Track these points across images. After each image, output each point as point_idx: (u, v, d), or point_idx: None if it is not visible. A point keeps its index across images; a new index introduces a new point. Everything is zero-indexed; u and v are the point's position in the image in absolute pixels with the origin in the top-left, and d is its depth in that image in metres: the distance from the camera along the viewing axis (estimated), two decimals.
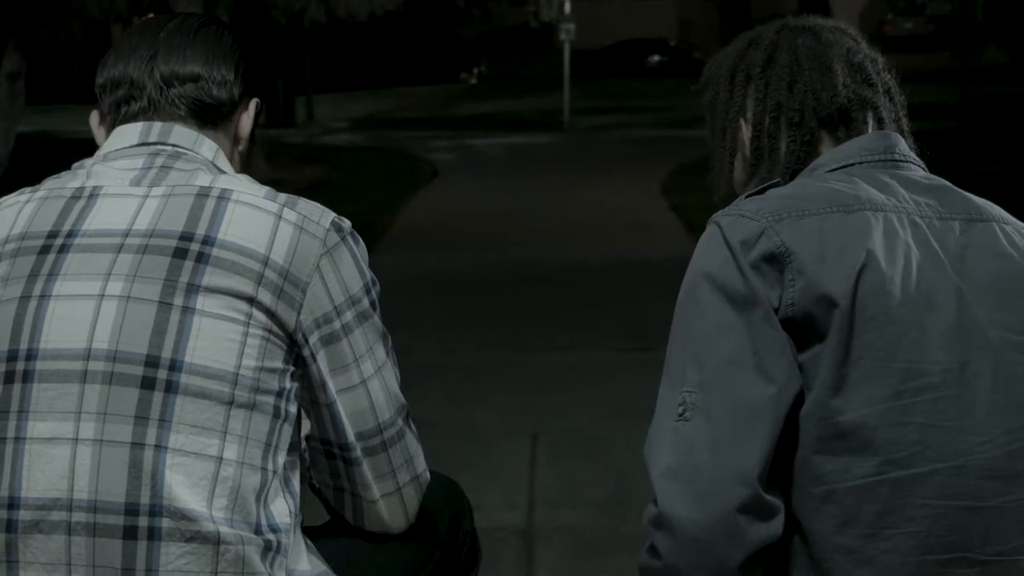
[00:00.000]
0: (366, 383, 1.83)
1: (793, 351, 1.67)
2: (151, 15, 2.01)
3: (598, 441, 5.25)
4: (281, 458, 1.77)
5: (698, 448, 1.66)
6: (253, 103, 1.97)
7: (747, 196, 1.79)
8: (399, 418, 1.89)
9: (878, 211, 1.73)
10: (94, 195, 1.80)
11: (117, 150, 1.86)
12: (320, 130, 26.42)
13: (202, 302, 1.71)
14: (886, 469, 1.65)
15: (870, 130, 1.85)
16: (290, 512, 1.78)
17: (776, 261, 1.68)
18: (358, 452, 1.85)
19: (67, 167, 1.89)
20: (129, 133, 1.87)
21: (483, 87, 39.40)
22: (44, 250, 1.76)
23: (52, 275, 1.74)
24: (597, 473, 4.81)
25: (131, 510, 1.68)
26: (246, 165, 1.97)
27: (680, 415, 1.69)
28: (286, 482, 1.79)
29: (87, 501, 1.68)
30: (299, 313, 1.76)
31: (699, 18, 47.16)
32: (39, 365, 1.71)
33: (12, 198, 1.85)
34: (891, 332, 1.67)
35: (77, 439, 1.68)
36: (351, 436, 1.84)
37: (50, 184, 1.84)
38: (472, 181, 16.83)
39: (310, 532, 1.93)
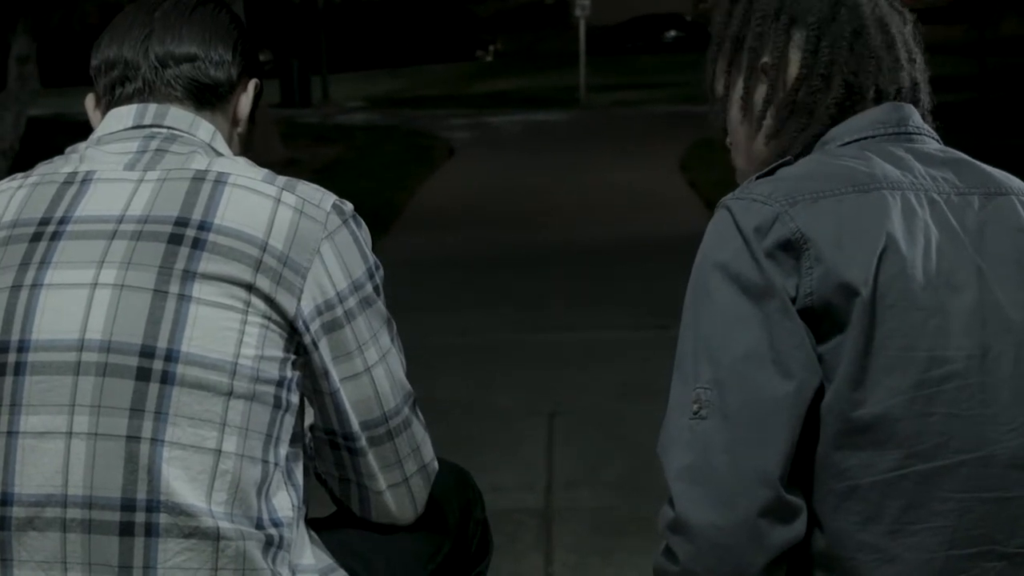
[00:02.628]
0: (370, 371, 1.78)
1: (812, 343, 1.60)
2: None
3: (616, 420, 5.22)
4: (283, 450, 1.72)
5: (715, 449, 1.58)
6: (252, 83, 1.92)
7: (757, 177, 1.70)
8: (405, 406, 1.84)
9: (895, 189, 1.65)
10: (87, 180, 1.74)
11: (111, 133, 1.80)
12: (336, 110, 26.37)
13: (199, 289, 1.66)
14: (910, 462, 1.59)
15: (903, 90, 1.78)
16: (293, 505, 1.74)
17: (792, 248, 1.60)
18: (363, 442, 1.80)
19: (64, 151, 1.83)
20: (123, 115, 1.82)
21: (498, 64, 39.30)
22: (36, 237, 1.71)
23: (44, 263, 1.68)
24: (615, 453, 4.79)
25: (127, 506, 1.63)
26: (246, 147, 1.92)
27: (695, 413, 1.61)
28: (288, 474, 1.74)
29: (82, 497, 1.63)
30: (299, 300, 1.70)
31: None
32: (31, 357, 1.65)
33: (3, 184, 1.80)
34: (913, 319, 1.60)
35: (71, 433, 1.63)
36: (355, 425, 1.79)
37: (42, 169, 1.79)
38: (489, 159, 16.79)
39: (316, 524, 1.88)
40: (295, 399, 1.73)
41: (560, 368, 6.18)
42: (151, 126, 1.80)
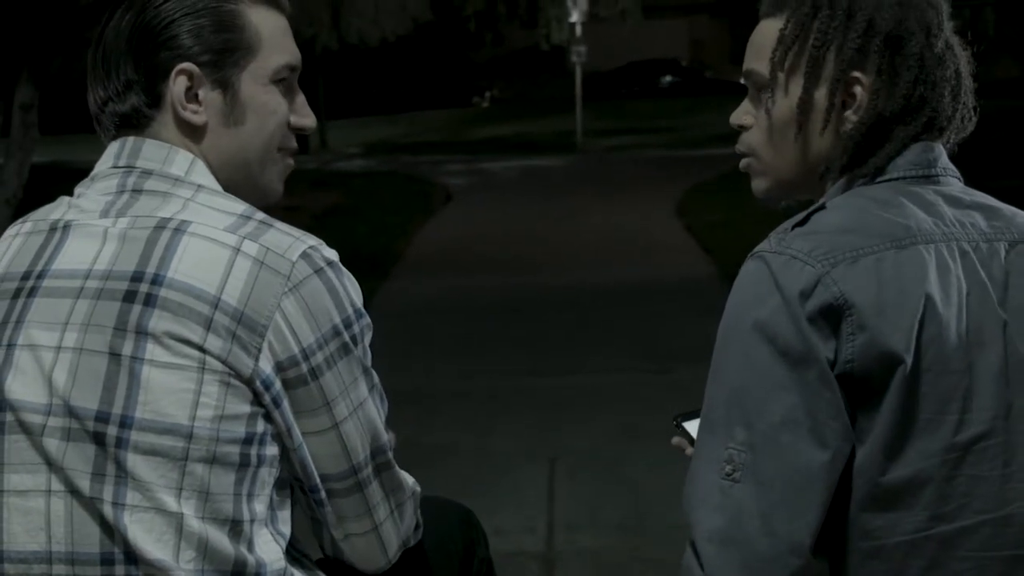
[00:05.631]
0: (338, 426, 1.70)
1: (847, 408, 1.58)
2: None
3: (616, 464, 5.23)
4: (260, 504, 1.67)
5: (748, 515, 1.57)
6: (175, 72, 1.74)
7: (792, 227, 1.65)
8: (379, 456, 1.77)
9: (929, 243, 1.62)
10: (66, 228, 1.72)
11: (101, 171, 1.77)
12: (333, 156, 26.45)
13: (151, 351, 1.61)
14: (934, 524, 1.59)
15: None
16: (281, 552, 1.70)
17: (834, 313, 1.57)
18: (323, 494, 1.75)
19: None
20: (111, 151, 1.77)
21: (495, 110, 39.45)
22: (16, 294, 1.70)
23: (19, 322, 1.67)
24: (616, 496, 4.79)
25: (107, 559, 1.62)
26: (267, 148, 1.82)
27: (728, 475, 1.59)
28: (272, 522, 1.70)
29: (65, 553, 1.63)
30: (257, 360, 1.62)
31: (710, 38, 47.19)
32: (7, 417, 1.65)
33: (10, 229, 1.79)
34: (946, 382, 1.58)
35: (50, 491, 1.63)
36: (316, 480, 1.73)
37: (37, 215, 1.78)
38: (486, 205, 16.84)
39: (322, 564, 1.86)
40: (270, 451, 1.67)
41: (560, 412, 6.19)
42: (126, 165, 1.74)
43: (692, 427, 2.06)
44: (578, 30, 26.82)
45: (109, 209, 1.71)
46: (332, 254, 1.70)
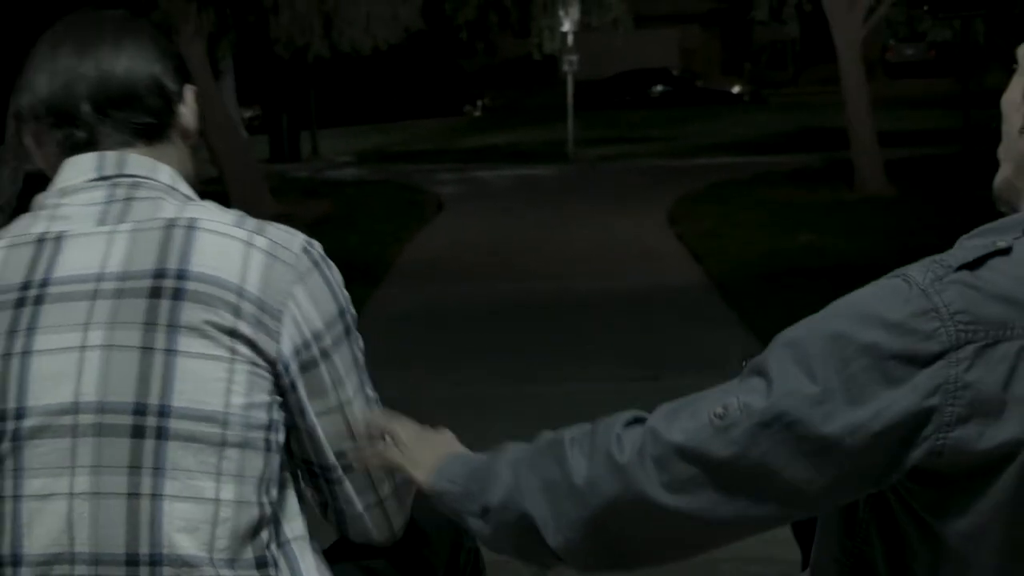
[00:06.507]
0: (343, 406, 1.80)
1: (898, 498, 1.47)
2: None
3: None
4: (275, 489, 1.74)
5: (667, 452, 1.52)
6: (190, 93, 1.87)
7: (960, 266, 1.44)
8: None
9: None
10: (60, 238, 1.75)
11: (77, 184, 1.78)
12: (325, 164, 26.46)
13: (184, 343, 1.67)
14: None
15: None
16: (289, 539, 1.77)
17: (941, 395, 1.41)
18: (339, 472, 1.84)
19: (30, 206, 1.82)
20: (83, 166, 1.79)
21: (487, 119, 39.48)
22: (19, 303, 1.72)
23: (31, 329, 1.70)
24: None
25: (131, 560, 1.66)
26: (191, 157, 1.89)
27: (718, 415, 1.48)
28: (280, 508, 1.77)
29: (89, 554, 1.66)
30: (279, 342, 1.72)
31: (701, 47, 47.29)
32: (27, 423, 1.68)
33: None
34: None
35: (72, 493, 1.66)
36: (331, 457, 1.82)
37: (14, 231, 1.78)
38: (478, 213, 16.86)
39: None
40: (282, 438, 1.76)
41: (551, 419, 6.18)
42: (114, 176, 1.78)
43: None
44: (570, 39, 26.85)
45: (104, 218, 1.75)
46: (320, 247, 1.81)
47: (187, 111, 1.86)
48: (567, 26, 27.09)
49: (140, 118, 1.80)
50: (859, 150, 17.06)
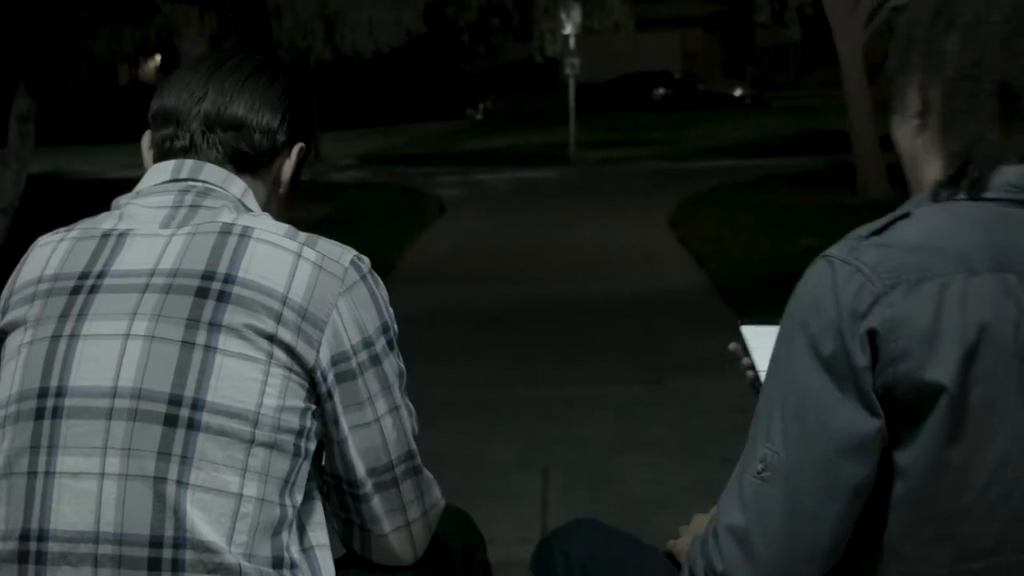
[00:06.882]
0: (379, 420, 1.85)
1: (883, 432, 1.59)
2: (207, 53, 2.04)
3: (609, 474, 5.26)
4: (299, 494, 1.79)
5: (772, 514, 1.62)
6: (297, 148, 1.98)
7: (870, 234, 1.64)
8: (413, 457, 1.91)
9: (1008, 272, 1.58)
10: (124, 235, 1.83)
11: (151, 186, 1.89)
12: (327, 167, 26.48)
13: (224, 341, 1.74)
14: (968, 561, 1.60)
15: None
16: (310, 546, 1.81)
17: (883, 338, 1.57)
18: (368, 488, 1.87)
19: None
20: (162, 170, 1.90)
21: (489, 122, 39.50)
22: (75, 291, 1.80)
23: (82, 315, 1.77)
24: (608, 505, 4.82)
25: (155, 542, 1.70)
26: (284, 207, 1.99)
27: (758, 472, 1.63)
28: (306, 516, 1.81)
29: (113, 534, 1.71)
30: (318, 351, 1.77)
31: (703, 51, 47.31)
32: (68, 402, 1.74)
33: (47, 237, 1.89)
34: (992, 420, 1.56)
35: (103, 474, 1.71)
36: (362, 472, 1.86)
37: (84, 224, 1.88)
38: (480, 216, 16.87)
39: None
40: (312, 447, 1.81)
41: (553, 422, 6.22)
42: (186, 179, 1.88)
43: (749, 332, 2.09)
44: (572, 42, 26.87)
45: (169, 222, 1.84)
46: (368, 263, 1.87)
47: (288, 164, 1.97)
48: (569, 29, 27.10)
49: (240, 145, 1.90)
50: (861, 154, 17.07)
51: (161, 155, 1.92)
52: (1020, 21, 1.63)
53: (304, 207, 17.83)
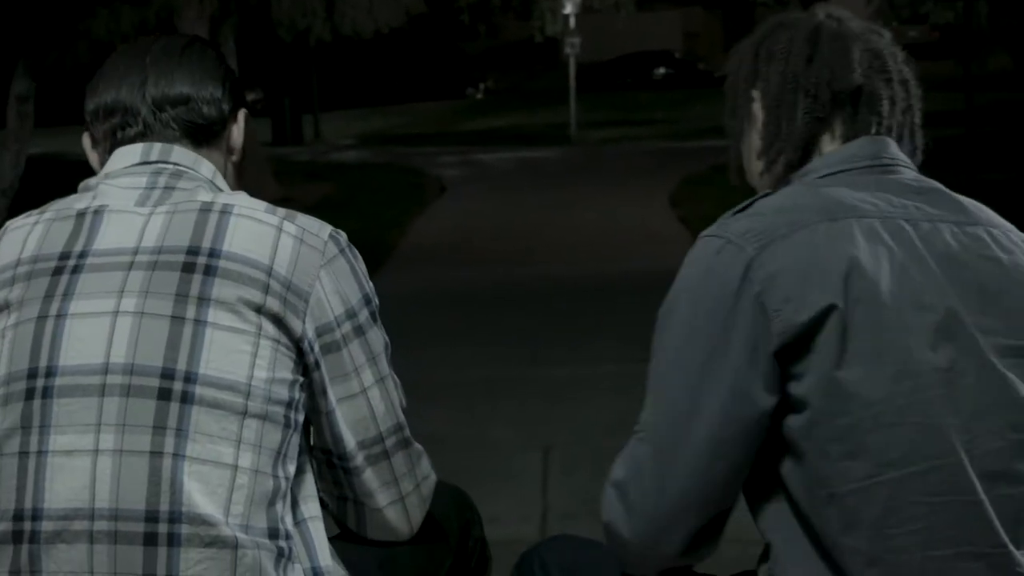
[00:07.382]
0: (366, 392, 1.87)
1: (773, 382, 1.69)
2: (144, 37, 2.05)
3: (610, 454, 5.25)
4: (291, 466, 1.80)
5: (645, 472, 1.77)
6: (242, 115, 2.01)
7: (735, 212, 1.79)
8: (402, 430, 1.93)
9: (863, 218, 1.74)
10: (99, 213, 1.84)
11: (120, 168, 1.89)
12: (327, 147, 26.48)
13: (213, 315, 1.75)
14: (882, 470, 1.66)
15: (884, 113, 1.86)
16: (303, 518, 1.82)
17: (761, 296, 1.69)
18: (359, 461, 1.89)
19: (76, 188, 1.91)
20: (130, 153, 1.91)
21: (489, 102, 39.47)
22: (57, 271, 1.80)
23: (67, 295, 1.78)
24: None
25: (151, 517, 1.71)
26: (240, 176, 2.02)
27: (636, 431, 1.79)
28: (298, 488, 1.82)
29: (108, 509, 1.71)
30: (304, 321, 1.80)
31: (704, 30, 47.23)
32: (58, 381, 1.74)
33: (19, 220, 1.89)
34: (881, 336, 1.67)
35: (97, 450, 1.72)
36: (351, 444, 1.88)
37: (56, 206, 1.88)
38: (480, 196, 16.87)
39: None
40: (301, 419, 1.83)
41: (554, 402, 6.22)
42: (157, 162, 1.89)
43: None
44: (572, 22, 26.84)
45: (144, 201, 1.85)
46: (346, 237, 1.90)
47: (237, 131, 1.99)
48: (569, 8, 27.07)
49: (193, 118, 1.92)
50: None
51: (115, 145, 1.93)
52: None
53: (304, 187, 17.83)
